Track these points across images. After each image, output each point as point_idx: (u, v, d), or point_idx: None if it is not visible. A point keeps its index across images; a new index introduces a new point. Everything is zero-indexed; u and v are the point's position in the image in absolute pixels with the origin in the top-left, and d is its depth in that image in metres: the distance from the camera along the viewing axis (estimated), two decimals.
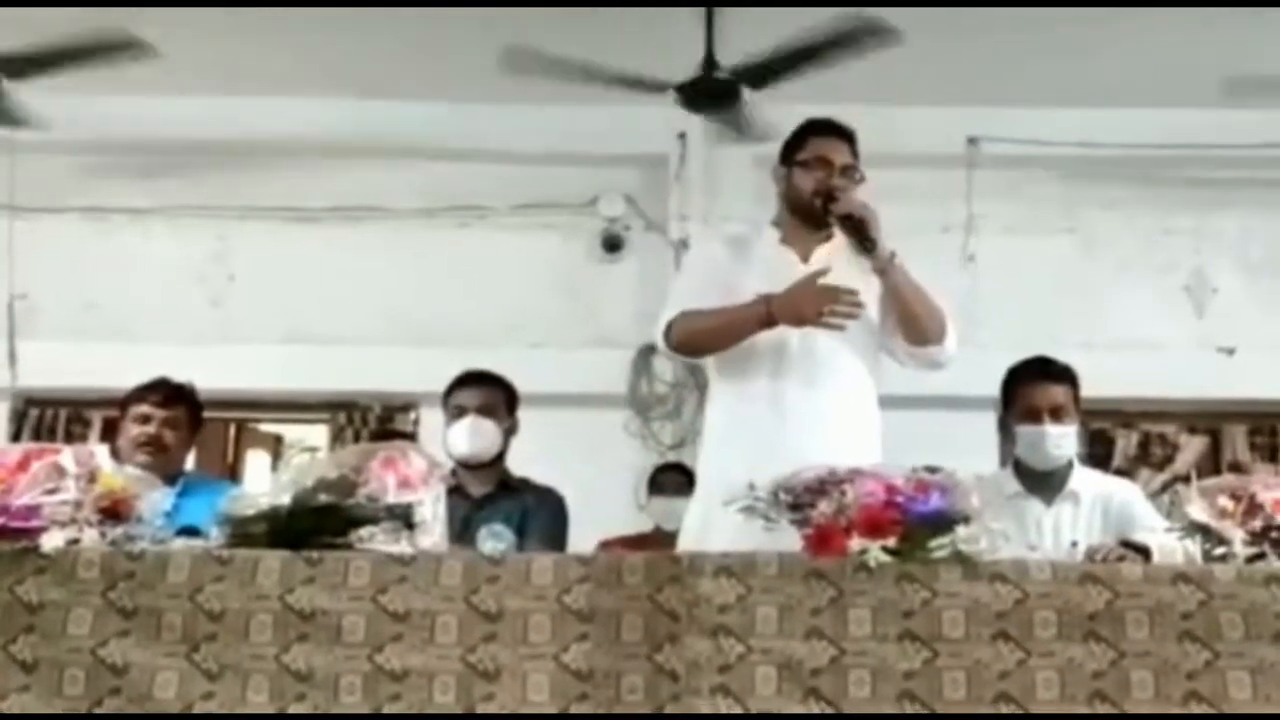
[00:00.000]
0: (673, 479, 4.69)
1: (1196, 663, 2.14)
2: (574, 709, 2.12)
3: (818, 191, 3.00)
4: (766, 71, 4.87)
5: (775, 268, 3.04)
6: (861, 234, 2.93)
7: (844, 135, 3.08)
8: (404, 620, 2.18)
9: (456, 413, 3.50)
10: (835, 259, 3.02)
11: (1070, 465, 3.31)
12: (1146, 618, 2.18)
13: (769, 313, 2.87)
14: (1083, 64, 5.63)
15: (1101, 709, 2.12)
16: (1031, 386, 3.30)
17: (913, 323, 2.99)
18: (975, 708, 2.12)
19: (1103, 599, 2.19)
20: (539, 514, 3.41)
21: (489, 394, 3.52)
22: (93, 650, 2.16)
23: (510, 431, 3.55)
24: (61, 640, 2.17)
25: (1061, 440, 3.24)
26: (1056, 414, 3.25)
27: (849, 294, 2.82)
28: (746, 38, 4.86)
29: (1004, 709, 2.12)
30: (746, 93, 5.01)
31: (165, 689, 2.13)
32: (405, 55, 5.65)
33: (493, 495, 3.45)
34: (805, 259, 3.05)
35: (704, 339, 3.01)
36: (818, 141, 3.07)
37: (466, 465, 3.47)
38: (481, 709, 2.12)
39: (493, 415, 3.49)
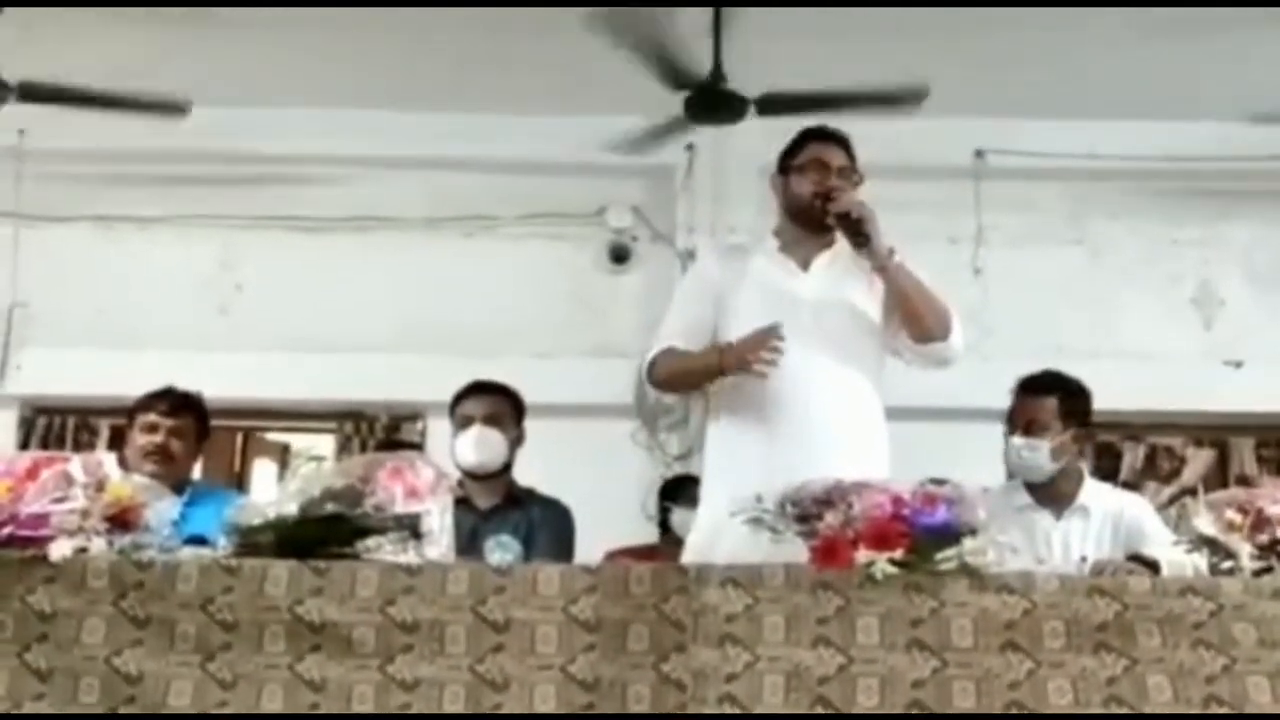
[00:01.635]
0: (685, 491, 4.68)
1: (1214, 668, 2.13)
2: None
3: (816, 193, 3.01)
4: (781, 104, 4.87)
5: (773, 277, 3.05)
6: (858, 232, 2.93)
7: (839, 140, 3.10)
8: (413, 631, 2.18)
9: (463, 422, 3.49)
10: (836, 265, 3.03)
11: (1080, 479, 3.31)
12: (1157, 628, 2.16)
13: (720, 363, 2.93)
14: (1089, 76, 5.63)
15: (1119, 712, 2.10)
16: (1016, 400, 3.34)
17: (916, 320, 2.98)
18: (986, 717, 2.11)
19: (1111, 610, 2.18)
20: (546, 527, 3.40)
21: (496, 404, 3.52)
22: (107, 660, 2.17)
23: (517, 442, 3.54)
24: (75, 649, 2.18)
25: (1025, 452, 3.26)
26: (1030, 427, 3.26)
27: (774, 333, 2.84)
28: (754, 48, 4.87)
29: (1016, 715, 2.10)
30: (752, 110, 5.02)
31: (180, 697, 2.14)
32: (412, 65, 5.66)
33: (500, 507, 3.44)
34: (805, 267, 3.06)
35: (675, 382, 3.20)
36: (814, 147, 3.08)
37: (473, 476, 3.46)
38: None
39: (499, 425, 3.48)
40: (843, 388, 2.96)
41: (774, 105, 4.92)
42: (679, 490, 4.84)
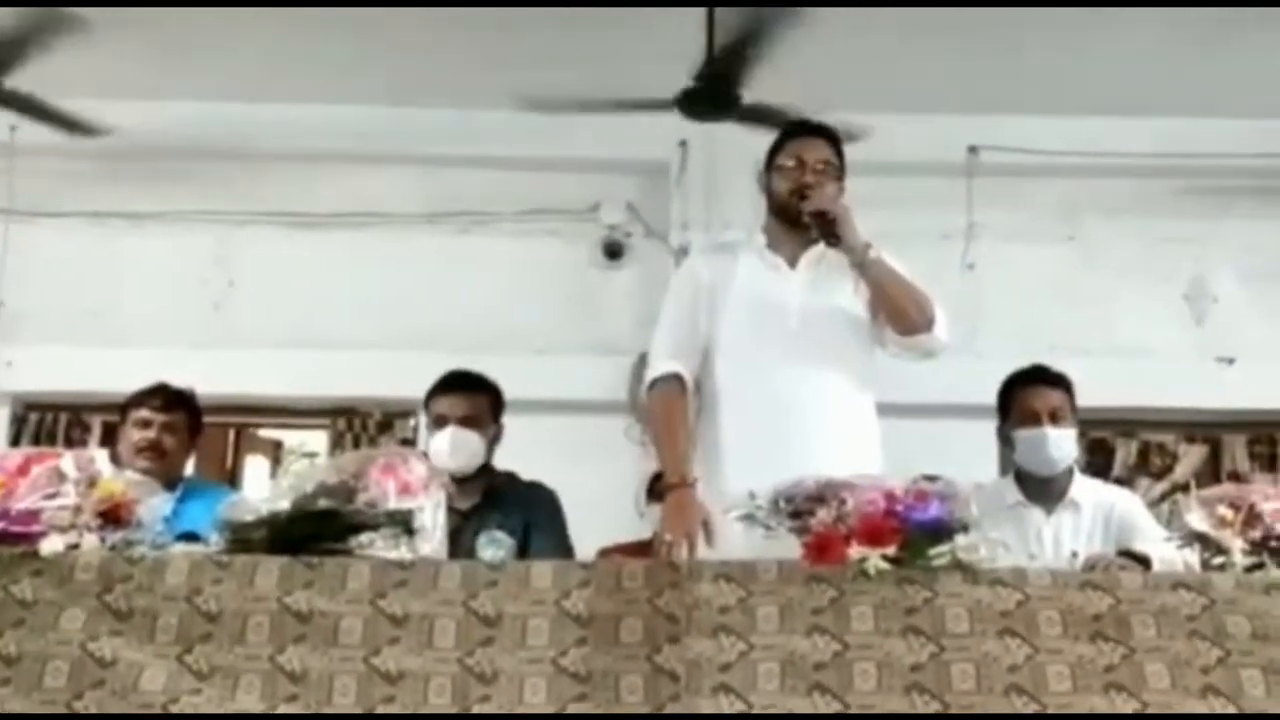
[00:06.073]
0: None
1: (1209, 659, 2.13)
2: (571, 710, 2.11)
3: (793, 191, 3.00)
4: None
5: (760, 280, 3.04)
6: (830, 231, 2.92)
7: (822, 134, 3.09)
8: (402, 624, 2.18)
9: (438, 422, 3.35)
10: (823, 263, 3.03)
11: (1071, 474, 3.31)
12: (1152, 619, 2.17)
13: (665, 488, 2.85)
14: (1083, 72, 5.63)
15: (1118, 699, 2.10)
16: (1028, 391, 3.31)
17: (899, 313, 2.97)
18: (987, 699, 2.10)
19: (1105, 603, 2.18)
20: (539, 520, 3.31)
21: (472, 403, 3.37)
22: (82, 644, 2.15)
23: (495, 439, 3.40)
24: (51, 634, 2.16)
25: (1061, 442, 3.24)
26: (1055, 417, 3.25)
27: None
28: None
29: (1016, 700, 2.09)
30: (744, 94, 5.02)
31: (152, 682, 2.12)
32: (407, 61, 5.65)
33: (479, 506, 3.30)
34: (792, 264, 3.05)
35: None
36: (795, 143, 3.07)
37: (450, 477, 3.35)
38: (477, 710, 2.11)
39: (476, 426, 3.34)
40: (830, 392, 2.95)
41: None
42: (659, 486, 4.83)
